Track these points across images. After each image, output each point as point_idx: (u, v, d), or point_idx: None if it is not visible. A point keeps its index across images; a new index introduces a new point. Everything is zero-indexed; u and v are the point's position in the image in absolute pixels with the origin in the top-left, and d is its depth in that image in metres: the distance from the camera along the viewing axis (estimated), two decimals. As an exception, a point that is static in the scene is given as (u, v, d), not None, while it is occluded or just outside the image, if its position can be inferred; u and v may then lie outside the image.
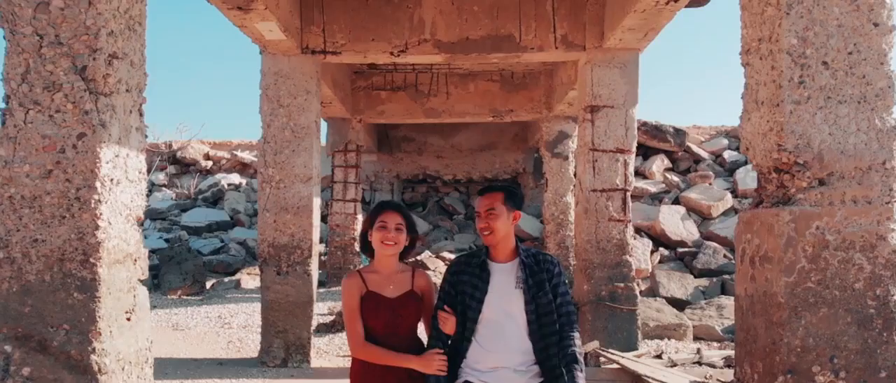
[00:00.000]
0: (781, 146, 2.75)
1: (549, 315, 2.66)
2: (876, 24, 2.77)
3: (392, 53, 6.91)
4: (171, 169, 17.59)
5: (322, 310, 8.91)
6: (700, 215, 12.27)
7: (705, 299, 9.55)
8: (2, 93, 2.90)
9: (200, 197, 15.78)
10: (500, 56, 7.01)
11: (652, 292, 9.79)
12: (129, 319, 3.04)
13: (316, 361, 6.95)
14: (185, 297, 10.48)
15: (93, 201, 2.84)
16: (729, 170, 13.91)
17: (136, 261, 3.12)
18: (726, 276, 10.16)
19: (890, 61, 2.78)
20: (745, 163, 13.65)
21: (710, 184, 13.13)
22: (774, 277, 2.76)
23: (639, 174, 13.92)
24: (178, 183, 17.14)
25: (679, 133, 14.29)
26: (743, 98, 3.07)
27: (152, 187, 16.45)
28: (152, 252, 11.85)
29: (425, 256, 12.17)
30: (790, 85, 2.74)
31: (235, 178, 16.92)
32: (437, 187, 16.51)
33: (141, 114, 3.19)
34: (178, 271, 10.62)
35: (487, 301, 2.69)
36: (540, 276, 2.68)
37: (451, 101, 10.78)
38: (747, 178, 12.88)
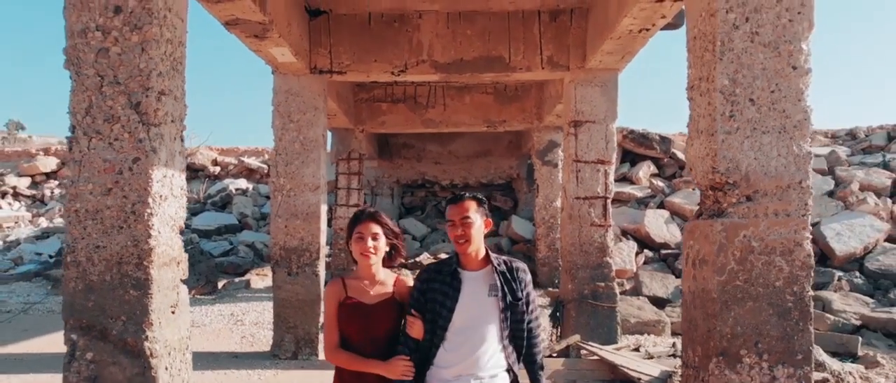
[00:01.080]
0: (715, 168, 3.28)
1: (520, 323, 2.67)
2: (794, 68, 3.29)
3: (393, 73, 7.43)
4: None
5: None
6: (683, 219, 12.76)
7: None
8: (68, 124, 3.41)
9: (209, 201, 16.29)
10: (491, 75, 7.52)
11: (635, 291, 10.29)
12: (173, 312, 3.56)
13: (323, 354, 7.45)
14: (198, 297, 10.99)
15: (146, 214, 3.36)
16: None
17: (178, 263, 3.64)
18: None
19: (806, 98, 3.30)
20: (727, 169, 14.15)
21: (693, 189, 13.63)
22: (709, 277, 3.28)
23: (626, 179, 14.44)
24: (187, 187, 17.66)
25: (665, 140, 14.80)
26: (688, 127, 3.59)
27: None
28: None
29: (423, 257, 12.68)
30: (722, 118, 3.26)
31: (242, 183, 17.42)
32: (435, 192, 17.01)
33: (182, 140, 3.71)
34: (192, 272, 11.11)
35: (458, 309, 2.64)
36: (512, 285, 2.67)
37: (447, 112, 11.30)
38: (728, 184, 13.37)
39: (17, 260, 13.22)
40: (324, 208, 7.62)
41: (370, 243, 2.71)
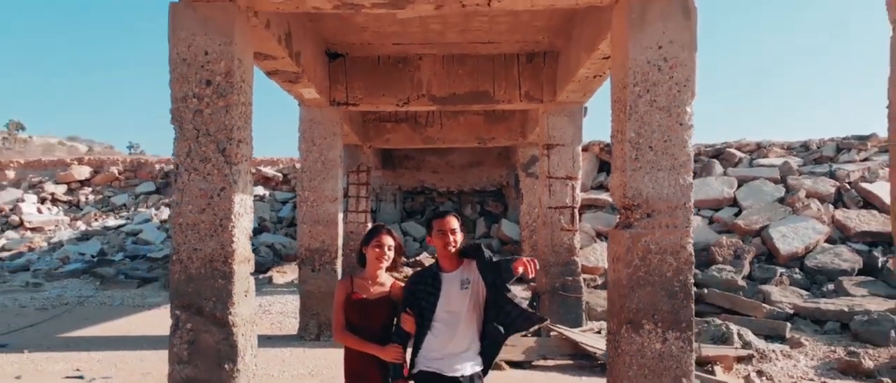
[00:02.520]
0: (625, 195, 4.58)
1: (488, 309, 3.19)
2: (681, 124, 4.59)
3: (397, 104, 8.73)
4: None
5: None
6: (651, 222, 14.05)
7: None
8: (173, 163, 4.71)
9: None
10: (479, 106, 8.83)
11: (606, 285, 11.58)
12: (245, 295, 4.85)
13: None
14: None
15: (229, 227, 4.65)
16: (678, 184, 15.70)
17: (248, 261, 4.93)
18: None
19: (689, 145, 4.59)
20: (693, 176, 15.46)
21: (660, 196, 14.92)
22: (621, 269, 4.58)
23: (603, 187, 15.73)
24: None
25: (637, 152, 16.04)
26: (611, 164, 4.90)
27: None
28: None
29: (423, 257, 13.98)
30: (630, 160, 4.57)
31: (260, 190, 18.68)
32: (433, 197, 18.31)
33: (250, 173, 5.01)
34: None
35: (439, 304, 3.16)
36: (482, 264, 3.18)
37: (444, 131, 12.61)
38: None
39: (64, 259, 14.49)
40: (340, 216, 8.93)
41: (386, 251, 3.32)
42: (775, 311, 9.85)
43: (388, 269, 3.40)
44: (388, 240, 3.33)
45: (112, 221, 17.00)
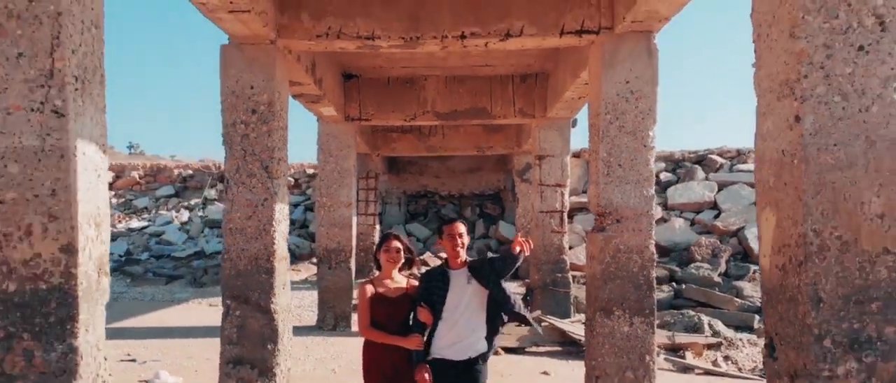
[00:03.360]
0: (599, 204, 5.43)
1: (498, 298, 3.59)
2: (644, 146, 5.44)
3: (405, 120, 9.59)
4: (221, 186, 20.26)
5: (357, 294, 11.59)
6: (637, 224, 14.91)
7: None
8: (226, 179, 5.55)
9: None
10: (477, 121, 9.69)
11: (593, 282, 12.43)
12: (283, 288, 5.70)
13: (354, 327, 9.61)
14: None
15: (271, 231, 5.50)
16: (663, 187, 16.55)
17: (285, 259, 5.78)
18: (649, 270, 12.82)
19: (651, 163, 5.44)
20: (677, 181, 16.33)
21: (646, 199, 15.78)
22: (596, 266, 5.43)
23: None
24: (226, 197, 19.81)
25: (626, 158, 16.91)
26: (588, 177, 5.75)
27: (206, 202, 19.10)
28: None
29: (426, 256, 14.83)
30: (602, 175, 5.42)
31: (272, 194, 19.52)
32: (435, 201, 19.17)
33: (287, 187, 5.87)
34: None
35: (449, 297, 3.56)
36: (485, 269, 3.61)
37: (446, 140, 13.46)
38: (675, 194, 15.56)
39: None
40: (354, 220, 9.79)
41: (394, 254, 3.72)
42: (746, 304, 10.69)
43: (405, 268, 3.80)
44: (396, 244, 3.74)
45: (135, 223, 17.84)
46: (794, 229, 2.44)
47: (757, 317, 10.02)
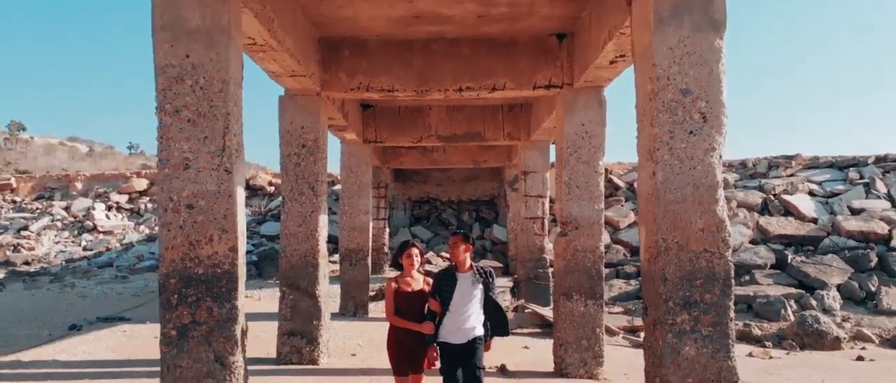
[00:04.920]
0: (562, 216, 7.00)
1: (491, 307, 4.25)
2: (596, 172, 7.01)
3: (412, 142, 11.17)
4: (245, 192, 21.74)
5: (374, 287, 13.14)
6: (612, 227, 16.48)
7: (607, 281, 13.74)
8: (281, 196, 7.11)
9: (270, 213, 19.97)
10: (473, 143, 11.26)
11: (573, 277, 13.99)
12: (324, 278, 7.27)
13: (372, 314, 11.16)
14: (277, 280, 14.68)
15: (316, 236, 7.05)
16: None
17: (325, 256, 7.33)
18: (620, 268, 14.38)
19: (601, 185, 7.01)
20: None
21: (621, 205, 17.37)
22: (560, 262, 6.99)
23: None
24: (250, 203, 21.34)
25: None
26: (555, 194, 7.31)
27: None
28: (251, 252, 16.09)
29: (430, 255, 16.39)
30: (565, 194, 6.98)
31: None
32: (437, 206, 20.74)
33: (326, 201, 7.43)
34: (272, 265, 14.82)
35: (455, 293, 4.13)
36: (485, 280, 4.22)
37: (446, 155, 15.03)
38: (647, 202, 17.08)
39: (139, 257, 16.89)
40: (370, 224, 11.35)
41: (414, 259, 4.33)
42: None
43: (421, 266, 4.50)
44: (415, 251, 4.39)
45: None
46: (653, 237, 4.01)
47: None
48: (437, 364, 4.20)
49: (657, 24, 3.95)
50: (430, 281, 4.39)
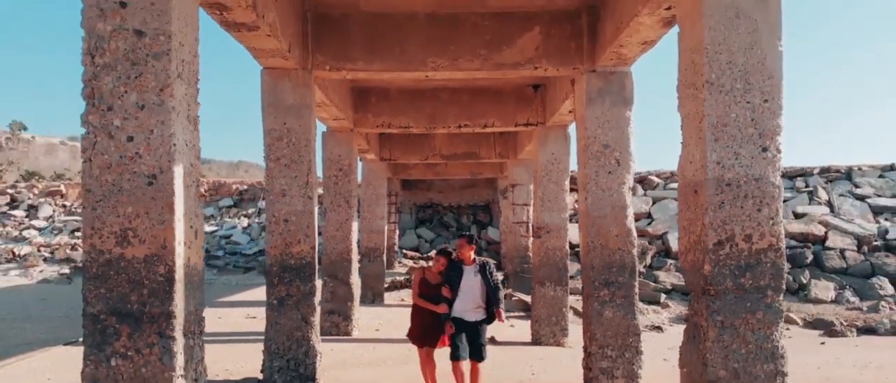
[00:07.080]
0: (537, 222, 8.89)
1: (490, 286, 5.09)
2: (563, 190, 8.88)
3: (420, 160, 13.06)
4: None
5: (387, 280, 15.02)
6: (591, 229, 18.35)
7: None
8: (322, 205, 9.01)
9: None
10: (470, 162, 13.17)
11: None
12: (356, 271, 9.15)
13: (387, 302, 13.05)
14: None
15: (350, 238, 8.96)
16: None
17: (356, 254, 9.22)
18: (596, 264, 16.27)
19: (566, 199, 8.89)
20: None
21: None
22: (536, 258, 8.88)
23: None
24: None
25: (586, 178, 20.39)
26: (532, 205, 9.21)
27: (260, 211, 22.49)
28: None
29: (432, 253, 18.26)
30: (538, 206, 8.87)
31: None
32: (439, 210, 22.66)
33: (356, 211, 9.32)
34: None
35: (462, 282, 5.03)
36: (487, 271, 5.11)
37: (448, 168, 16.89)
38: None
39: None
40: (386, 228, 13.24)
41: (439, 265, 5.26)
42: (660, 287, 14.11)
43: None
44: (443, 258, 5.32)
45: (206, 228, 21.26)
46: (586, 240, 5.91)
47: (663, 295, 13.44)
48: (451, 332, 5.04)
49: (588, 102, 5.84)
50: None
